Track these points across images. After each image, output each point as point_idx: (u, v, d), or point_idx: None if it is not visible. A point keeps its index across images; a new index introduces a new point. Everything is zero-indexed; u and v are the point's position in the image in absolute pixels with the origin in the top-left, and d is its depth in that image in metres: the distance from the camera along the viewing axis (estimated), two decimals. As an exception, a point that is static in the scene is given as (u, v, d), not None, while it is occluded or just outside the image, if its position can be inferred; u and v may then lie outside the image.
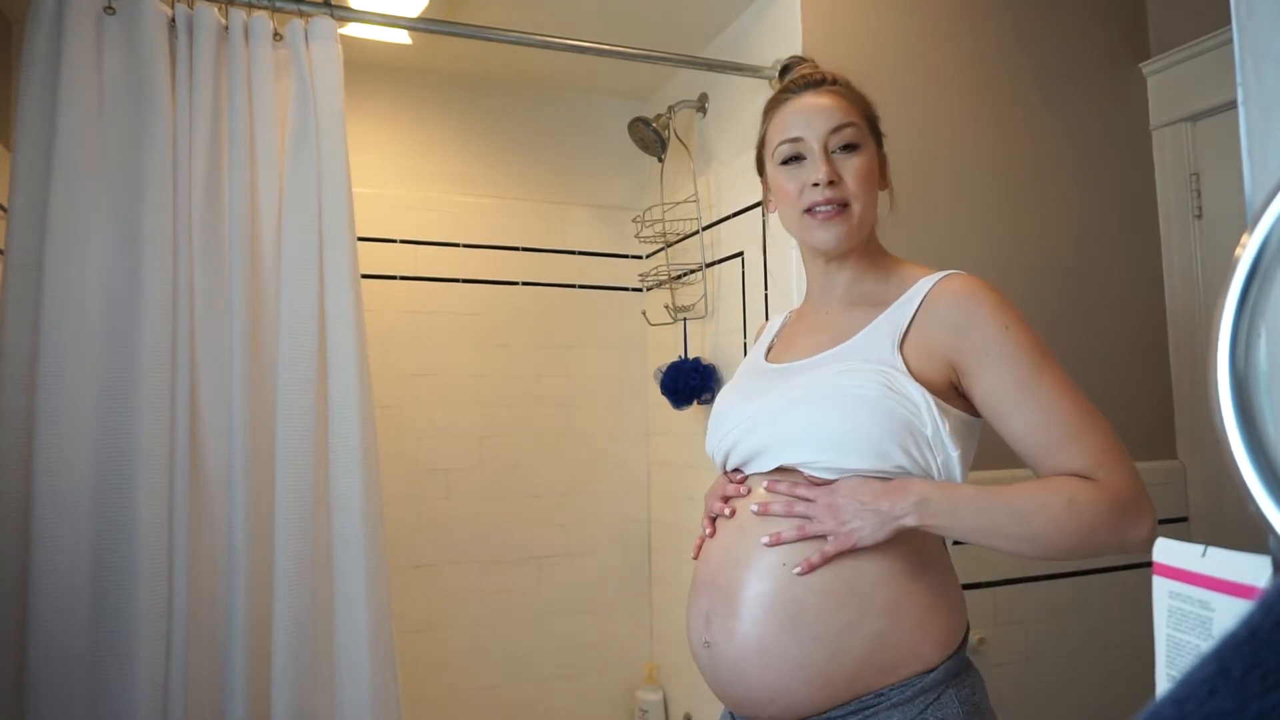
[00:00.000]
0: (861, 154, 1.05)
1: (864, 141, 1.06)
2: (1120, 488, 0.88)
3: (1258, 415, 0.29)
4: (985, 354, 0.94)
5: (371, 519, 1.47)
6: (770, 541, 0.94)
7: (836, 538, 0.92)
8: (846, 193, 1.03)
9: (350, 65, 1.69)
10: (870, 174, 1.05)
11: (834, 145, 1.04)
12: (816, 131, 1.04)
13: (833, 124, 1.04)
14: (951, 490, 0.92)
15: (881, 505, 0.91)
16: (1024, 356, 0.93)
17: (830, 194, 1.02)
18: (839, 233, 1.03)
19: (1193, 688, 0.23)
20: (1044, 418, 0.92)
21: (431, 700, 2.26)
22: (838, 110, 1.05)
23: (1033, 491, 0.89)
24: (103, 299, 1.36)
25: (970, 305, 0.96)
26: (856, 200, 1.03)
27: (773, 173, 1.10)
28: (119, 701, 1.29)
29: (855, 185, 1.03)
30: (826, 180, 1.02)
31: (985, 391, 0.94)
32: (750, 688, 0.94)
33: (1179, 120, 1.96)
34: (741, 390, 1.12)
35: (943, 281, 1.00)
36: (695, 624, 1.01)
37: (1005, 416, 0.93)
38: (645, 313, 2.59)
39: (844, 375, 0.96)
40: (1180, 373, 1.98)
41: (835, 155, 1.04)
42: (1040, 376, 0.93)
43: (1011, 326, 0.95)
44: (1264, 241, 0.28)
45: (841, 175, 1.03)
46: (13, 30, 1.91)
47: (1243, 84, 0.39)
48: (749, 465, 1.05)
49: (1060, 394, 0.93)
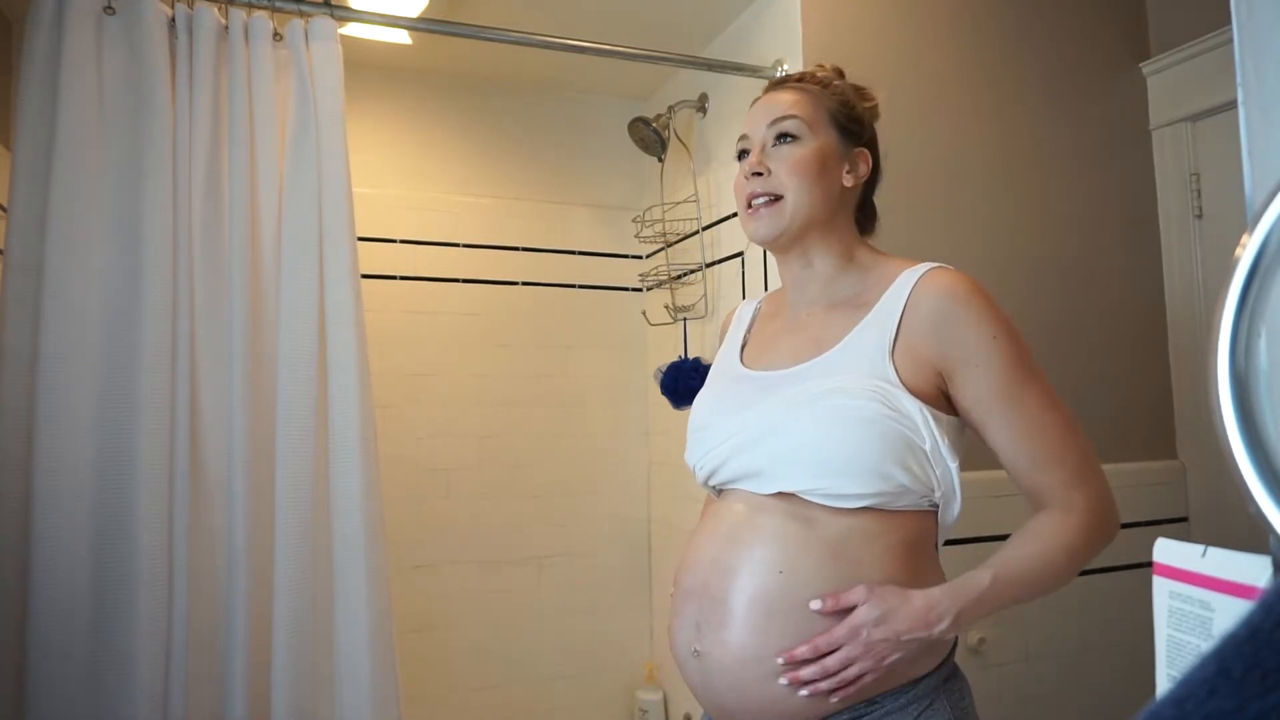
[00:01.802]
0: (800, 144, 1.03)
1: (806, 133, 1.03)
2: (1100, 510, 0.94)
3: (1258, 415, 0.29)
4: (973, 364, 0.93)
5: (371, 519, 1.47)
6: (789, 681, 0.89)
7: (877, 672, 0.89)
8: (776, 184, 1.02)
9: (350, 65, 1.69)
10: (805, 164, 1.02)
11: (769, 137, 1.04)
12: (758, 126, 1.05)
13: (772, 116, 1.04)
14: (973, 590, 0.91)
15: (918, 634, 0.89)
16: (1010, 368, 0.93)
17: (755, 186, 1.03)
18: (767, 224, 1.03)
19: (1193, 688, 0.23)
20: (1026, 431, 0.93)
21: (431, 700, 2.26)
22: (783, 104, 1.05)
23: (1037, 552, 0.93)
24: (103, 299, 1.36)
25: (958, 310, 0.94)
26: (788, 191, 1.01)
27: None
28: (119, 701, 1.29)
29: (786, 175, 1.01)
30: (751, 171, 1.03)
31: (970, 401, 0.95)
32: (744, 697, 0.92)
33: (1179, 120, 1.96)
34: (722, 400, 1.08)
35: (927, 277, 0.97)
36: (683, 632, 0.98)
37: (988, 427, 0.95)
38: (645, 313, 2.59)
39: (840, 394, 0.93)
40: (1180, 373, 1.98)
41: (772, 148, 1.04)
42: (1025, 390, 0.94)
43: (1000, 336, 0.93)
44: (1264, 241, 0.28)
45: (770, 167, 1.02)
46: (13, 30, 1.91)
47: (1243, 84, 0.39)
48: (742, 483, 1.01)
49: (1044, 408, 0.94)
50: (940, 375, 0.95)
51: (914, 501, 0.94)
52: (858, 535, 0.93)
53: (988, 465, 1.02)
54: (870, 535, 0.93)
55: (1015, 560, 0.93)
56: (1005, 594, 0.92)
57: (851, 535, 0.93)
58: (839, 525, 0.93)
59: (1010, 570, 0.93)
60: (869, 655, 0.88)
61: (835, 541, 0.92)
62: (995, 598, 0.91)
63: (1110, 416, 1.91)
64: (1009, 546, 0.95)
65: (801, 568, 0.91)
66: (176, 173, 1.42)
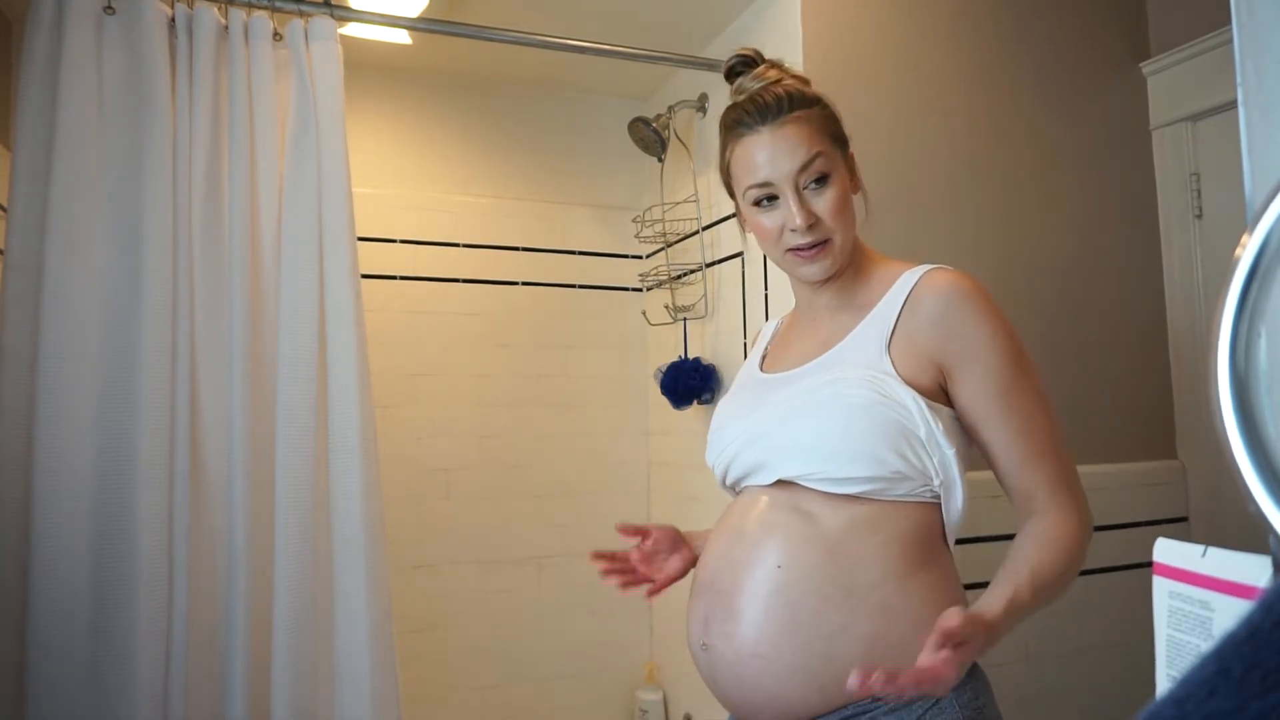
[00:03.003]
0: (833, 183, 1.01)
1: (833, 167, 1.02)
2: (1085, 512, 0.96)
3: (1258, 415, 0.29)
4: (971, 361, 0.95)
5: (371, 519, 1.47)
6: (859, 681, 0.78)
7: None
8: (826, 230, 1.01)
9: (350, 65, 1.69)
10: (845, 201, 1.02)
11: (804, 182, 1.01)
12: (783, 171, 1.00)
13: (799, 162, 1.00)
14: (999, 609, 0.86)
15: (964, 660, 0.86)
16: (1008, 367, 0.95)
17: (811, 238, 1.01)
18: (824, 266, 1.03)
19: (1193, 688, 0.23)
20: (1021, 429, 0.95)
21: (431, 700, 2.26)
22: (802, 145, 1.00)
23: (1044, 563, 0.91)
24: (103, 299, 1.36)
25: (958, 307, 0.96)
26: (835, 234, 1.01)
27: (747, 210, 1.06)
28: (119, 701, 1.29)
29: (831, 220, 1.01)
30: (805, 226, 0.99)
31: (967, 397, 0.97)
32: (747, 691, 0.94)
33: (1179, 120, 1.96)
34: (739, 403, 1.12)
35: (927, 277, 0.99)
36: (694, 626, 1.01)
37: (979, 426, 0.97)
38: (645, 313, 2.59)
39: (834, 384, 0.96)
40: (1180, 373, 1.98)
41: (807, 191, 1.01)
42: (1021, 389, 0.95)
43: (998, 335, 0.95)
44: (1264, 241, 0.28)
45: (818, 215, 1.01)
46: (13, 30, 1.91)
47: (1243, 84, 0.39)
48: (749, 479, 1.05)
49: (1037, 408, 0.96)
50: (940, 370, 0.97)
51: (913, 490, 0.95)
52: (857, 527, 0.94)
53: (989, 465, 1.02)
54: (870, 527, 0.94)
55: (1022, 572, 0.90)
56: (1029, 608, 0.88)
57: (851, 527, 0.94)
58: (838, 517, 0.94)
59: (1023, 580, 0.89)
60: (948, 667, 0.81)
61: (835, 534, 0.94)
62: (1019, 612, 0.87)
63: (1110, 416, 1.91)
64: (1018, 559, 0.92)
65: (800, 562, 0.93)
66: (176, 173, 1.42)
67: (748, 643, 0.93)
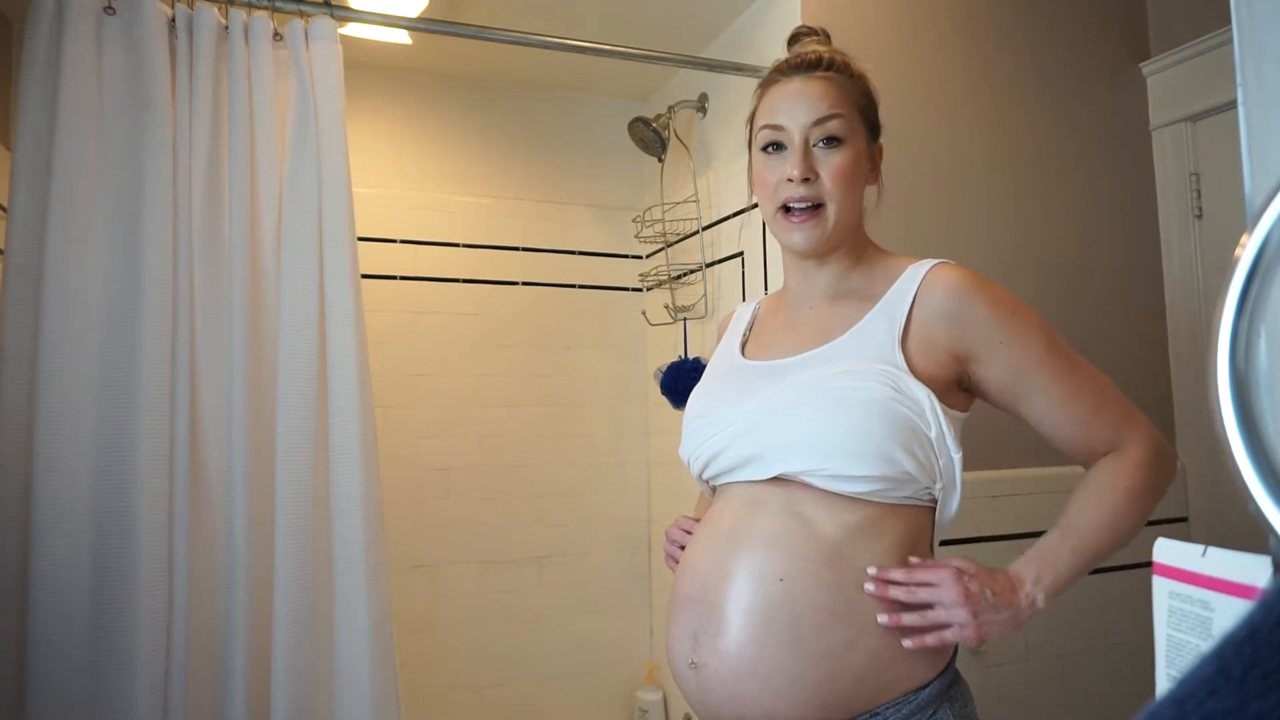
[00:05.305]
0: (845, 149, 0.99)
1: (850, 135, 0.99)
2: (1148, 447, 0.95)
3: (1258, 415, 0.29)
4: (997, 340, 0.94)
5: (371, 519, 1.47)
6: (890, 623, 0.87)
7: (963, 627, 0.87)
8: (822, 191, 0.98)
9: (350, 65, 1.69)
10: (851, 172, 0.99)
11: (816, 138, 0.98)
12: (799, 121, 0.98)
13: (816, 115, 0.98)
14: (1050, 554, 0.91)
15: (1015, 599, 0.88)
16: (1035, 337, 0.95)
17: (804, 191, 0.97)
18: (813, 236, 0.99)
19: (1193, 688, 0.23)
20: (1066, 393, 0.94)
21: (431, 700, 2.26)
22: (825, 100, 0.99)
23: (1100, 506, 0.92)
24: (103, 299, 1.36)
25: (970, 297, 0.94)
26: (832, 200, 0.98)
27: (755, 156, 1.05)
28: (119, 701, 1.29)
29: (832, 184, 0.98)
30: (801, 177, 0.97)
31: (1001, 376, 0.95)
32: (743, 709, 0.88)
33: (1179, 120, 1.96)
34: (720, 390, 1.05)
35: (935, 272, 0.97)
36: (680, 643, 0.94)
37: (1025, 398, 0.95)
38: (645, 313, 2.59)
39: (846, 376, 0.92)
40: (1180, 373, 1.98)
41: (816, 149, 0.98)
42: (1055, 355, 0.95)
43: (1016, 311, 0.95)
44: (1264, 241, 0.28)
45: (819, 172, 0.98)
46: (13, 30, 1.91)
47: (1243, 84, 0.39)
48: (735, 473, 0.98)
49: (1076, 368, 0.96)
50: (959, 360, 0.95)
51: (914, 493, 0.93)
52: (858, 533, 0.91)
53: (988, 465, 1.02)
54: (869, 533, 0.91)
55: (1080, 515, 0.92)
56: (1083, 552, 0.90)
57: (852, 533, 0.90)
58: (837, 522, 0.90)
59: (1080, 524, 0.91)
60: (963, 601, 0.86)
61: (834, 542, 0.90)
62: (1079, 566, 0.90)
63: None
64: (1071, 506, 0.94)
65: (801, 573, 0.89)
66: (176, 172, 1.42)
67: (745, 660, 0.87)
